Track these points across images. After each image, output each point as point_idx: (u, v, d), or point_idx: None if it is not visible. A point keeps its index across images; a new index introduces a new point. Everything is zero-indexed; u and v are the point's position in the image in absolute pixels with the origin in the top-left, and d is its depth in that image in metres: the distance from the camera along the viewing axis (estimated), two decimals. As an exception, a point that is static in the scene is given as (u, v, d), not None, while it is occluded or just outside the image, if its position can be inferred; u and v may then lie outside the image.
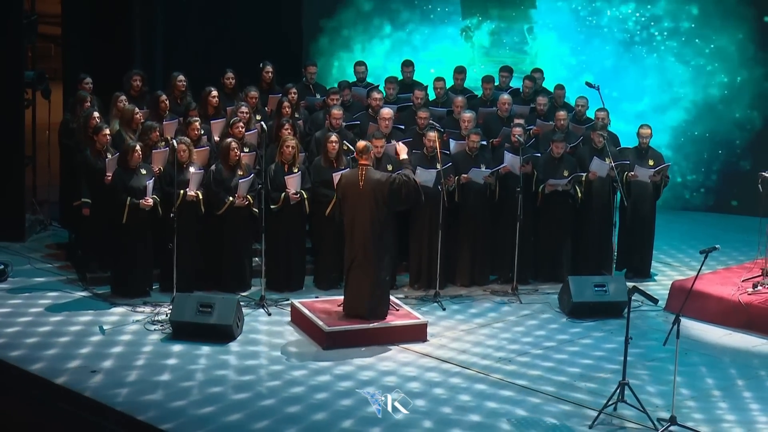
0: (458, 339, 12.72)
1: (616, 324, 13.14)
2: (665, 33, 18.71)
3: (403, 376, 11.58)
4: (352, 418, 10.48)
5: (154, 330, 12.56)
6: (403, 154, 12.90)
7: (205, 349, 12.06)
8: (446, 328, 13.05)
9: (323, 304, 13.06)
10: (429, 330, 12.71)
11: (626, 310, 10.91)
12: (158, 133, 13.95)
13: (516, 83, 16.61)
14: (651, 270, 15.20)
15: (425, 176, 13.66)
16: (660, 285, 14.64)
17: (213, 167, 13.70)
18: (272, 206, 13.64)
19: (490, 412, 10.71)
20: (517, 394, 11.22)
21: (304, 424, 10.34)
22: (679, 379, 10.94)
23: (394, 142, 13.80)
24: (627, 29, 18.78)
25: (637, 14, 18.70)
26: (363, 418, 10.48)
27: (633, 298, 10.91)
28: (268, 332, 12.71)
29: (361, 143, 12.71)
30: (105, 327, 12.62)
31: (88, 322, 12.77)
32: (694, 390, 11.48)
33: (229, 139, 13.67)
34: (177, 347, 12.10)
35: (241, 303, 12.91)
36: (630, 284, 11.59)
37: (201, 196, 13.49)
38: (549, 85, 16.60)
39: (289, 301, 13.35)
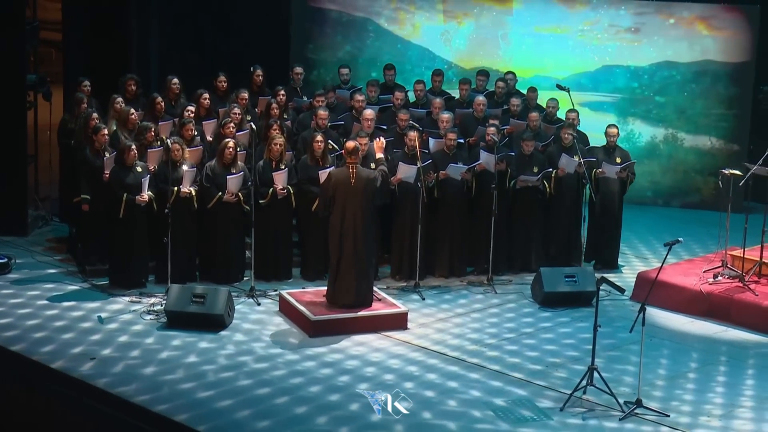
0: (435, 327, 12.71)
1: (585, 312, 13.16)
2: (634, 38, 18.72)
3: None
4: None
5: (150, 319, 12.53)
6: (380, 153, 12.93)
7: (198, 337, 12.03)
8: (425, 316, 13.03)
9: (309, 294, 13.03)
10: (409, 318, 12.70)
11: (595, 299, 10.92)
12: (153, 133, 13.92)
13: (491, 86, 16.59)
14: (618, 261, 15.21)
15: (406, 172, 13.68)
16: (626, 276, 14.65)
17: (209, 164, 13.67)
18: (260, 201, 13.61)
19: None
20: (489, 379, 11.23)
21: (282, 401, 10.39)
22: (645, 364, 10.93)
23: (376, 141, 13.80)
24: (598, 35, 18.76)
25: (609, 20, 18.70)
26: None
27: (601, 288, 10.93)
28: (257, 321, 12.69)
29: (351, 143, 12.70)
30: (103, 316, 12.58)
31: (87, 311, 12.73)
32: (659, 374, 11.50)
33: (228, 139, 13.64)
34: (172, 335, 12.08)
35: (232, 293, 12.87)
36: (598, 275, 11.58)
37: (194, 193, 13.47)
38: (522, 87, 16.63)
39: (277, 292, 13.33)
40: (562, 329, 12.82)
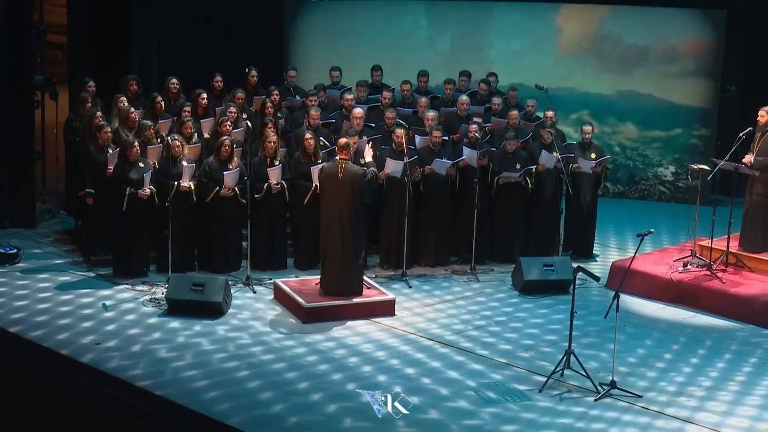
0: (420, 313, 12.72)
1: (562, 299, 13.18)
2: (605, 39, 18.76)
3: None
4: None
5: (152, 306, 12.51)
6: (368, 157, 12.91)
7: (197, 323, 12.02)
8: (412, 303, 13.04)
9: (302, 282, 13.03)
10: (397, 305, 12.70)
11: (572, 287, 10.93)
12: (153, 131, 13.90)
13: (473, 85, 16.59)
14: (593, 251, 15.23)
15: (394, 167, 13.68)
16: (601, 265, 14.67)
17: (207, 160, 13.65)
18: (256, 195, 13.60)
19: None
20: (470, 362, 11.23)
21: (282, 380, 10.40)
22: (619, 348, 10.97)
23: (363, 139, 13.80)
24: (573, 38, 18.78)
25: (584, 18, 18.72)
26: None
27: (577, 276, 10.93)
28: (253, 308, 12.67)
29: (343, 140, 12.70)
30: (107, 304, 12.56)
31: (92, 299, 12.71)
32: (632, 357, 11.53)
33: (225, 137, 13.62)
34: (172, 322, 12.07)
35: (229, 282, 12.85)
36: (575, 264, 11.60)
37: (193, 187, 13.45)
38: (502, 87, 16.64)
39: (272, 280, 13.32)
40: (541, 315, 12.83)
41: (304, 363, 11.01)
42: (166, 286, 12.61)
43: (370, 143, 13.48)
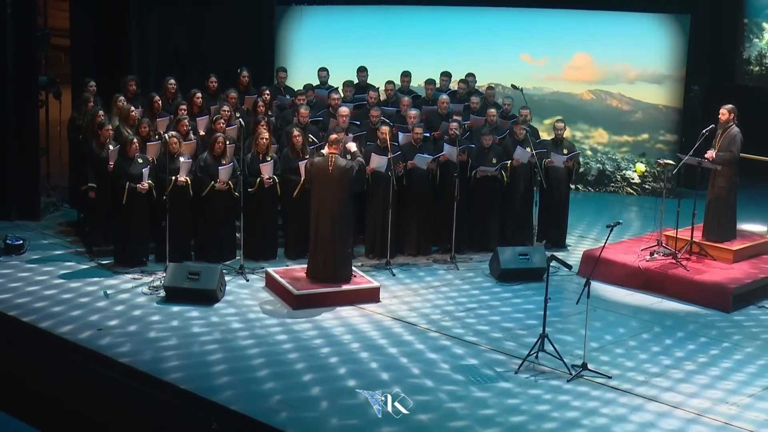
0: (403, 300, 12.72)
1: (537, 286, 13.20)
2: (578, 45, 18.79)
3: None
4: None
5: (151, 294, 12.50)
6: (353, 149, 12.91)
7: (193, 310, 12.04)
8: (396, 290, 13.04)
9: (292, 271, 13.02)
10: (381, 292, 12.73)
11: (546, 274, 10.95)
12: (146, 126, 13.85)
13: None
14: (566, 241, 15.25)
15: (378, 163, 13.68)
16: (573, 254, 14.69)
17: (201, 156, 13.63)
18: (249, 189, 13.58)
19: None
20: (451, 346, 11.25)
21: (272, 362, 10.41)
22: (590, 332, 10.99)
23: (348, 137, 13.81)
24: (549, 42, 18.80)
25: (557, 28, 18.73)
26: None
27: (551, 264, 10.96)
28: (246, 295, 12.67)
29: (333, 136, 12.76)
30: (109, 292, 12.54)
31: (94, 287, 12.69)
32: (602, 340, 11.56)
33: (218, 134, 13.60)
34: (170, 308, 12.08)
35: (224, 271, 12.86)
36: (548, 253, 11.63)
37: (189, 182, 13.42)
38: (479, 87, 16.65)
39: (263, 269, 13.31)
40: (517, 301, 12.85)
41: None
42: (164, 274, 12.59)
43: (355, 140, 13.49)
